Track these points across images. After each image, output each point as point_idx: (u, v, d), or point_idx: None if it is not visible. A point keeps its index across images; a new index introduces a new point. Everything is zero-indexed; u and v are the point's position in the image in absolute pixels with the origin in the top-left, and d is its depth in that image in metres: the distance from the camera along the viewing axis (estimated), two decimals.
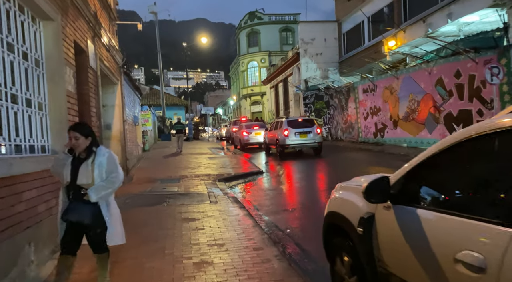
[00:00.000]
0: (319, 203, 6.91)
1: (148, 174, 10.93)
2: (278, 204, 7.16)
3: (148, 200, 7.37)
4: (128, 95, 12.02)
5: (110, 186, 3.09)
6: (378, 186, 2.21)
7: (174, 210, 6.37)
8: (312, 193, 8.16)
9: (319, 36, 23.92)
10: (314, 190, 8.49)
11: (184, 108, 43.40)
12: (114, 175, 3.12)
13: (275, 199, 7.50)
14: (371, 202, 2.26)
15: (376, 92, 16.53)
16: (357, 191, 2.69)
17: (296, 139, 14.75)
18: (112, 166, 3.13)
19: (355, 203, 2.65)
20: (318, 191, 8.29)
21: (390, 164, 11.14)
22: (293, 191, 8.39)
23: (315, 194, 8.00)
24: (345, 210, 2.78)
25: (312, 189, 8.60)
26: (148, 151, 19.34)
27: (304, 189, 8.54)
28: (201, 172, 11.07)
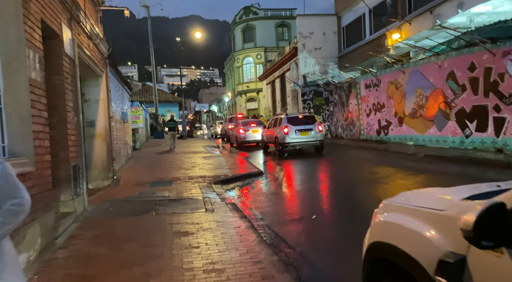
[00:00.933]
0: (328, 209, 6.07)
1: (137, 176, 10.00)
2: (283, 211, 6.29)
3: (134, 207, 6.46)
4: (116, 90, 11.06)
5: (10, 220, 1.89)
6: (495, 219, 1.32)
7: (164, 220, 5.47)
8: (319, 198, 7.30)
9: (318, 30, 23.04)
10: (320, 194, 7.64)
11: (177, 105, 42.40)
12: (16, 202, 1.92)
13: (279, 206, 6.64)
14: (482, 246, 1.35)
15: (380, 88, 15.71)
16: (425, 216, 1.83)
17: (297, 137, 13.90)
18: (11, 187, 1.94)
19: (423, 234, 1.79)
20: (325, 195, 7.44)
21: (400, 164, 10.33)
22: (298, 195, 7.53)
23: (322, 199, 7.15)
24: (404, 243, 1.91)
25: (318, 193, 7.74)
26: (139, 149, 18.37)
27: (309, 193, 7.69)
28: (195, 173, 10.17)
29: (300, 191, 7.91)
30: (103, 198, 7.25)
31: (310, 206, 6.57)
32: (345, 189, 7.67)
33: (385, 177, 8.52)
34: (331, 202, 6.78)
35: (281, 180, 9.42)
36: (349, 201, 6.60)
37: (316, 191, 7.92)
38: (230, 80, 54.02)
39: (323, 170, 10.86)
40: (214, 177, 9.49)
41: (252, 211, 6.22)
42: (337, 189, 7.90)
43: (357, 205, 6.21)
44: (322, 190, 8.01)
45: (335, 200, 6.92)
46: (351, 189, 7.59)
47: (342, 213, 5.93)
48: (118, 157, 10.83)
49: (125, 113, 12.19)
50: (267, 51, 42.72)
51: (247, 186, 8.83)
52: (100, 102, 8.67)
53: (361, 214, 5.38)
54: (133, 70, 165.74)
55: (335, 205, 6.55)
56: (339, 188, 7.94)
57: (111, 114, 9.51)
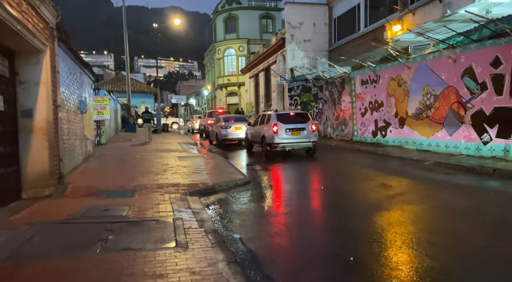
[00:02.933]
0: (355, 247, 4.29)
1: (92, 181, 7.93)
2: (292, 247, 4.47)
3: (73, 236, 4.48)
4: (70, 73, 8.90)
5: None
6: None
7: (110, 267, 3.55)
8: (332, 223, 5.53)
9: (308, 20, 21.35)
10: (332, 217, 5.86)
11: (153, 96, 39.82)
12: None
13: (283, 237, 4.81)
14: None
15: (379, 84, 14.16)
16: None
17: (287, 138, 12.14)
18: None
19: None
20: (341, 219, 5.67)
21: (411, 174, 8.74)
22: (305, 219, 5.74)
23: (338, 226, 5.37)
24: None
25: (329, 215, 5.97)
26: (105, 144, 16.11)
27: (317, 215, 5.92)
28: (167, 179, 8.21)
29: (306, 212, 6.12)
30: (32, 216, 5.22)
31: (328, 237, 4.80)
32: (363, 211, 5.96)
33: (405, 193, 6.87)
34: (358, 235, 5.02)
35: (274, 193, 7.61)
36: (384, 236, 4.86)
37: (326, 211, 6.15)
38: (210, 72, 51.74)
39: (322, 179, 9.13)
40: (190, 185, 7.57)
41: (244, 245, 4.37)
42: (352, 209, 6.17)
43: (402, 245, 4.48)
44: (333, 209, 6.24)
45: (362, 232, 5.16)
46: (373, 212, 5.88)
47: (390, 255, 4.17)
48: (70, 156, 8.70)
49: (83, 102, 10.02)
50: (250, 43, 40.84)
51: (232, 199, 6.97)
52: (42, 86, 6.56)
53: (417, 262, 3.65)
54: (109, 60, 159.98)
55: (366, 240, 4.79)
56: (353, 206, 6.22)
57: (58, 102, 7.40)
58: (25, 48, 6.16)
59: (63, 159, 7.51)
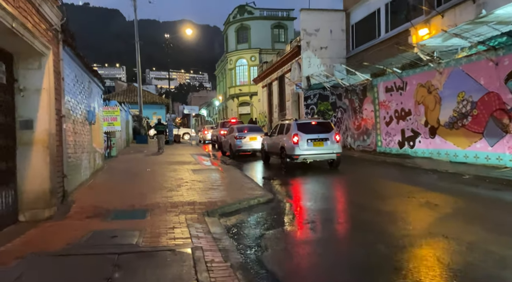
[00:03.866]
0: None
1: (99, 199, 7.16)
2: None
3: (70, 275, 3.66)
4: (77, 80, 8.23)
5: None
6: None
7: None
8: (383, 255, 4.59)
9: (324, 27, 20.61)
10: (379, 246, 4.91)
11: (165, 107, 39.41)
12: None
13: (326, 276, 3.90)
14: None
15: (406, 91, 13.22)
16: None
17: (309, 149, 11.26)
18: None
19: None
20: (390, 249, 4.73)
21: (451, 189, 7.76)
22: (345, 248, 4.83)
23: (391, 261, 4.43)
24: None
25: (375, 242, 5.02)
26: (115, 157, 15.44)
27: (359, 242, 5.01)
28: (181, 196, 7.39)
29: (347, 239, 5.21)
30: (26, 246, 4.42)
31: (381, 277, 3.88)
32: (416, 238, 5.02)
33: (458, 214, 5.91)
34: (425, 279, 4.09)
35: (302, 213, 6.71)
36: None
37: (370, 240, 5.21)
38: (221, 83, 51.32)
39: (353, 196, 8.18)
40: (207, 204, 6.73)
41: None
42: (403, 236, 5.22)
43: None
44: (378, 238, 5.30)
45: (427, 271, 4.23)
46: (428, 239, 4.94)
47: None
48: (76, 171, 7.96)
49: (92, 112, 9.33)
50: (262, 53, 40.28)
51: (256, 221, 6.10)
52: (43, 94, 5.85)
53: None
54: (122, 72, 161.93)
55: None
56: (404, 233, 5.27)
57: (63, 111, 6.69)
58: (25, 51, 5.47)
59: (67, 174, 6.76)
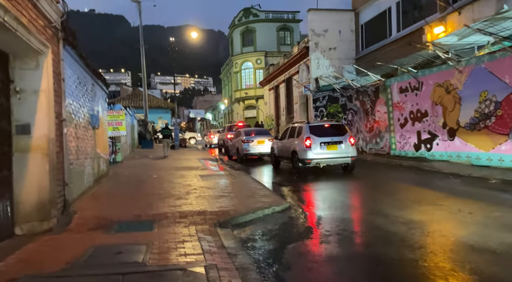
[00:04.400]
0: None
1: (103, 209, 6.69)
2: None
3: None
4: (80, 82, 7.80)
5: None
6: None
7: None
8: (430, 277, 4.04)
9: (333, 27, 20.13)
10: (425, 266, 4.38)
11: (170, 112, 39.11)
12: None
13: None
14: None
15: (422, 92, 12.67)
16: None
17: (322, 153, 10.73)
18: None
19: None
20: (442, 271, 4.19)
21: (482, 195, 7.19)
22: (378, 265, 4.30)
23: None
24: None
25: (416, 259, 4.48)
26: (121, 162, 15.02)
27: (396, 258, 4.46)
28: (191, 205, 6.89)
29: (380, 255, 4.67)
30: (21, 265, 3.95)
31: None
32: (465, 254, 4.48)
33: (504, 227, 5.35)
34: None
35: (323, 223, 6.18)
36: None
37: (408, 257, 4.66)
38: (226, 86, 51.00)
39: (376, 204, 7.62)
40: (219, 213, 6.23)
41: None
42: (450, 251, 4.68)
43: None
44: (419, 255, 4.76)
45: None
46: (480, 255, 4.40)
47: None
48: (78, 179, 7.51)
49: (95, 116, 8.90)
50: (268, 56, 39.90)
51: (273, 232, 5.58)
52: (42, 96, 5.41)
53: None
54: (127, 77, 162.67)
55: None
56: (448, 248, 4.73)
57: (64, 115, 6.24)
58: (21, 49, 5.03)
59: (68, 183, 6.30)
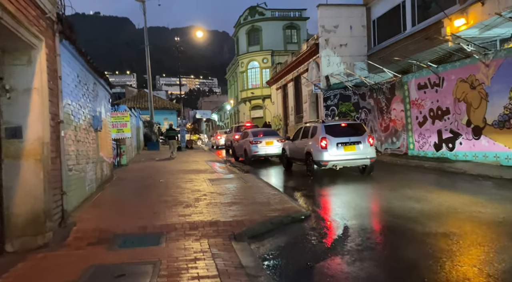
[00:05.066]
0: None
1: (104, 220, 6.08)
2: None
3: None
4: (80, 81, 7.22)
5: None
6: None
7: None
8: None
9: (344, 23, 19.40)
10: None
11: (175, 113, 38.62)
12: None
13: None
14: None
15: (443, 88, 11.94)
16: None
17: (339, 154, 10.06)
18: None
19: None
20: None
21: None
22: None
23: None
24: None
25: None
26: (126, 165, 14.46)
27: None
28: (201, 213, 6.26)
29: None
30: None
31: None
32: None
33: None
34: None
35: (352, 234, 5.52)
36: None
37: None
38: (232, 86, 50.41)
39: (404, 210, 6.92)
40: (233, 224, 5.60)
41: None
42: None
43: None
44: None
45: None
46: None
47: None
48: (79, 185, 6.92)
49: (97, 118, 8.32)
50: (274, 54, 39.22)
51: (295, 246, 4.94)
52: (34, 95, 4.82)
53: None
54: (132, 79, 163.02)
55: None
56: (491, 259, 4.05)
57: (61, 116, 5.65)
58: (9, 42, 4.45)
59: (67, 191, 5.70)
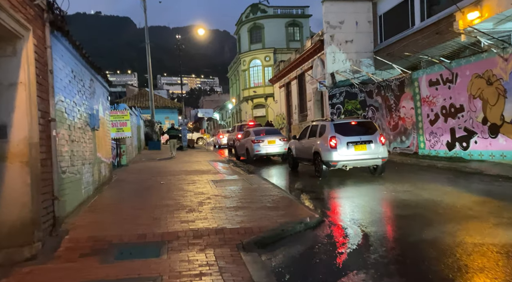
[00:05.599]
0: None
1: (100, 226, 5.59)
2: None
3: None
4: (75, 76, 6.73)
5: None
6: None
7: None
8: None
9: (349, 19, 18.89)
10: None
11: (177, 112, 38.15)
12: None
13: None
14: None
15: (456, 85, 11.42)
16: None
17: (350, 154, 9.56)
18: None
19: None
20: None
21: None
22: None
23: None
24: None
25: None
26: (126, 166, 13.99)
27: None
28: (205, 219, 5.77)
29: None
30: None
31: None
32: None
33: None
34: None
35: (373, 243, 5.02)
36: None
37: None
38: (234, 85, 49.90)
39: (432, 218, 6.40)
40: (240, 231, 5.11)
41: None
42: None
43: None
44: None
45: None
46: None
47: None
48: (74, 189, 6.44)
49: (94, 116, 7.84)
50: (277, 52, 38.68)
51: (310, 257, 4.45)
52: (20, 89, 4.34)
53: None
54: (133, 79, 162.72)
55: None
56: None
57: (53, 114, 5.16)
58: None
59: (59, 196, 5.22)
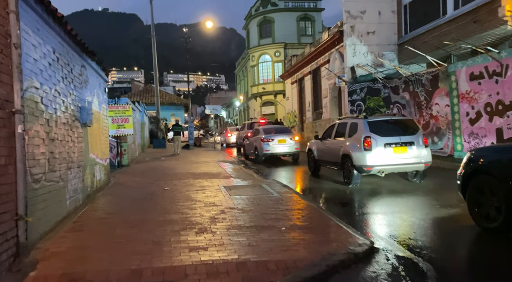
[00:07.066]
0: None
1: (82, 256, 4.19)
2: None
3: None
4: (58, 59, 5.36)
5: None
6: None
7: None
8: None
9: (372, 8, 17.35)
10: None
11: (183, 109, 36.92)
12: None
13: None
14: None
15: (506, 78, 9.89)
16: None
17: (387, 157, 8.10)
18: None
19: None
20: None
21: None
22: None
23: None
24: None
25: None
26: (127, 166, 12.67)
27: None
28: (221, 246, 4.38)
29: None
30: None
31: None
32: None
33: None
34: None
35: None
36: None
37: None
38: (242, 82, 48.48)
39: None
40: (270, 266, 3.71)
41: None
42: None
43: None
44: None
45: None
46: None
47: None
48: (53, 201, 5.08)
49: (86, 109, 6.48)
50: (287, 47, 37.20)
51: None
52: None
53: None
54: (140, 75, 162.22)
55: None
56: None
57: (18, 103, 3.80)
58: None
59: (29, 213, 3.86)
